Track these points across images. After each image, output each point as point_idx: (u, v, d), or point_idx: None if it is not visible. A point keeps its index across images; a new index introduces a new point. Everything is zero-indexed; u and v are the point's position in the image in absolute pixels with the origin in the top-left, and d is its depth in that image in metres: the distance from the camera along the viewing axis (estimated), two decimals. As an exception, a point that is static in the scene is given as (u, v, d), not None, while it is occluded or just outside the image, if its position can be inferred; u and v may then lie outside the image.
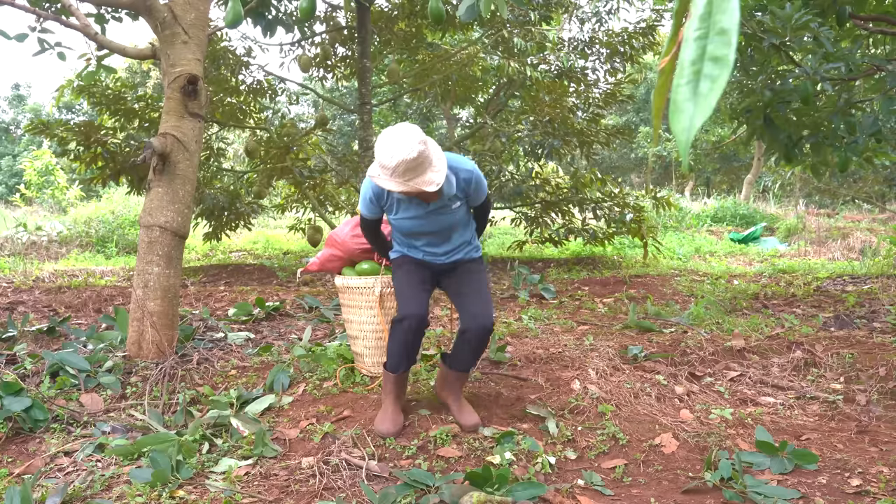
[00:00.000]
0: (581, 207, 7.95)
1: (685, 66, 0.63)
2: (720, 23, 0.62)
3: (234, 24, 3.54)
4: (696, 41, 0.63)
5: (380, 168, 2.46)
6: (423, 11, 8.16)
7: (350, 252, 3.33)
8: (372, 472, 2.40)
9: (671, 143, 21.77)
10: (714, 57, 0.62)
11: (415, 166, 2.40)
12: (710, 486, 2.28)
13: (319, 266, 3.42)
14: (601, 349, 3.68)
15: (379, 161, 2.44)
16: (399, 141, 2.39)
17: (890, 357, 3.36)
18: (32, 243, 10.05)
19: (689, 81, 0.63)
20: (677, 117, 0.62)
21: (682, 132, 0.62)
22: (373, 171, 2.51)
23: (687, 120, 0.62)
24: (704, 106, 0.61)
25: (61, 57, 4.89)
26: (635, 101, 19.39)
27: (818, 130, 4.29)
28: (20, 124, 31.83)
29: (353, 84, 14.78)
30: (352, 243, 3.31)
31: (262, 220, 15.41)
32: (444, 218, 2.72)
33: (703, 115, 0.61)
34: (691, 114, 0.62)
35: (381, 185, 2.47)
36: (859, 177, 13.63)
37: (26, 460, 2.50)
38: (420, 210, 2.69)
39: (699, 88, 0.62)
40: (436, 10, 3.35)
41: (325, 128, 8.28)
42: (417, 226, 2.73)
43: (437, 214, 2.71)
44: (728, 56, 0.61)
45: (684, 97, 0.63)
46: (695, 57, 0.63)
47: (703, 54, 0.62)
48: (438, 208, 2.69)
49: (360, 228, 3.30)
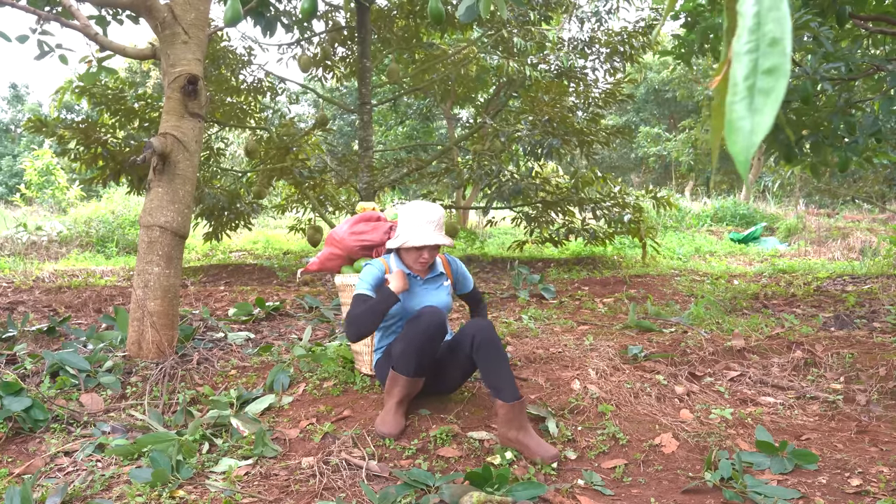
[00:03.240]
0: (581, 207, 7.95)
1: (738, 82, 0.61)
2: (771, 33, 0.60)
3: (233, 22, 3.53)
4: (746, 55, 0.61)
5: (426, 224, 2.80)
6: (422, 11, 8.16)
7: (349, 250, 3.32)
8: (372, 472, 2.40)
9: (671, 142, 21.76)
10: (767, 69, 0.59)
11: (443, 223, 2.88)
12: (710, 486, 2.28)
13: (319, 266, 3.41)
14: (601, 349, 3.69)
15: (423, 218, 2.81)
16: (427, 204, 2.87)
17: (890, 357, 3.36)
18: (32, 243, 10.05)
19: (744, 98, 0.60)
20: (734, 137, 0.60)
21: (740, 152, 0.59)
22: (411, 235, 2.80)
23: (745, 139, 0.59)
24: (761, 122, 0.59)
25: (63, 60, 4.89)
26: (635, 101, 19.39)
27: (818, 130, 4.29)
28: (19, 124, 31.81)
29: (353, 84, 14.79)
30: (350, 241, 3.30)
31: (262, 220, 15.42)
32: (437, 293, 2.93)
33: (762, 132, 0.59)
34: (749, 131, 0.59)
35: (428, 241, 2.77)
36: (859, 177, 13.63)
37: (26, 460, 2.50)
38: (416, 283, 2.91)
39: (754, 104, 0.60)
40: (435, 10, 3.35)
41: (325, 128, 8.28)
42: (416, 300, 2.87)
43: (430, 288, 2.93)
44: (783, 66, 0.59)
45: (740, 115, 0.60)
46: (747, 72, 0.60)
47: (755, 68, 0.60)
48: (431, 279, 2.95)
49: (358, 226, 3.30)
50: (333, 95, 17.28)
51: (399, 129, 14.44)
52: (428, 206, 2.83)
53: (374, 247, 3.31)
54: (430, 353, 2.66)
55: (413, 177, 8.26)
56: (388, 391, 2.74)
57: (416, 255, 2.83)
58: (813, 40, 3.97)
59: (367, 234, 3.28)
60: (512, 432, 2.48)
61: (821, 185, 14.41)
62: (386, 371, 2.84)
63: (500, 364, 2.54)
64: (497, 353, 2.56)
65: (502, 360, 2.55)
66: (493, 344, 2.57)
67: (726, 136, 0.61)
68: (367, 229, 3.30)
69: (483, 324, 2.62)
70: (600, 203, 7.72)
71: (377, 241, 3.28)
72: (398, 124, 14.44)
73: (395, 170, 8.23)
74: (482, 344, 2.56)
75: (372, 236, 3.27)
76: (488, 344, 2.56)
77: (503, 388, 2.51)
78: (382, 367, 2.92)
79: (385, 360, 2.90)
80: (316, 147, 8.39)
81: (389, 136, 14.83)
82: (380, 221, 3.36)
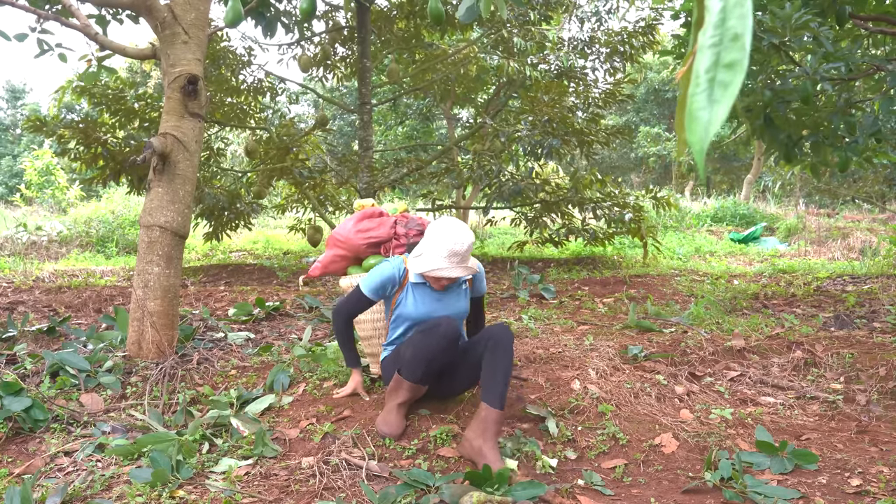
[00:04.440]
0: (581, 207, 7.95)
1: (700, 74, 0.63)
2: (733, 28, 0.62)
3: (234, 23, 3.53)
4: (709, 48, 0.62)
5: (450, 256, 2.60)
6: (422, 11, 8.16)
7: (356, 249, 3.21)
8: (372, 472, 2.40)
9: (671, 142, 21.76)
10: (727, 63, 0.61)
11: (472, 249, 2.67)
12: (710, 486, 2.28)
13: (322, 269, 3.30)
14: (601, 349, 3.68)
15: (449, 249, 2.59)
16: (459, 232, 2.62)
17: (890, 357, 3.36)
18: (32, 243, 10.05)
19: (704, 90, 0.62)
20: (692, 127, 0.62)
21: (697, 142, 0.62)
22: (434, 264, 2.61)
23: (702, 129, 0.61)
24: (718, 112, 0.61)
25: (62, 58, 4.89)
26: (635, 101, 19.39)
27: (818, 130, 4.29)
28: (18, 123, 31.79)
29: (353, 84, 14.79)
30: (357, 239, 3.19)
31: (263, 220, 15.41)
32: (456, 299, 2.83)
33: (718, 123, 0.61)
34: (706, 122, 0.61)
35: (449, 275, 2.60)
36: (859, 177, 13.63)
37: (26, 460, 2.50)
38: (435, 294, 2.80)
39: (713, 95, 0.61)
40: (435, 11, 3.35)
41: (325, 128, 8.28)
42: (433, 310, 2.78)
43: (450, 296, 2.82)
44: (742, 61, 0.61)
45: (699, 106, 0.62)
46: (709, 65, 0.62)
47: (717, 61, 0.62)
48: (450, 288, 2.82)
49: (363, 223, 3.20)
50: (333, 95, 17.28)
51: (399, 129, 14.44)
52: (459, 235, 2.61)
53: (382, 243, 3.22)
54: (439, 363, 2.63)
55: (413, 177, 8.26)
56: (391, 392, 2.72)
57: (436, 280, 2.72)
58: (813, 40, 3.97)
59: (374, 230, 3.19)
60: (478, 441, 2.40)
61: (821, 185, 14.42)
62: (391, 371, 2.79)
63: (504, 370, 2.51)
64: (505, 358, 2.53)
65: (507, 367, 2.52)
66: (507, 350, 2.54)
67: (686, 126, 0.63)
68: (373, 226, 3.21)
69: (505, 330, 2.59)
70: (600, 203, 7.72)
71: (384, 236, 3.19)
72: (398, 124, 14.44)
73: (395, 170, 8.24)
74: (498, 345, 2.54)
75: (379, 232, 3.18)
76: (503, 349, 2.54)
77: (495, 392, 2.47)
78: (389, 367, 2.84)
79: (392, 360, 2.83)
80: (316, 147, 8.39)
81: (389, 136, 14.83)
82: (383, 216, 3.27)
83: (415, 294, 2.77)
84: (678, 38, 5.20)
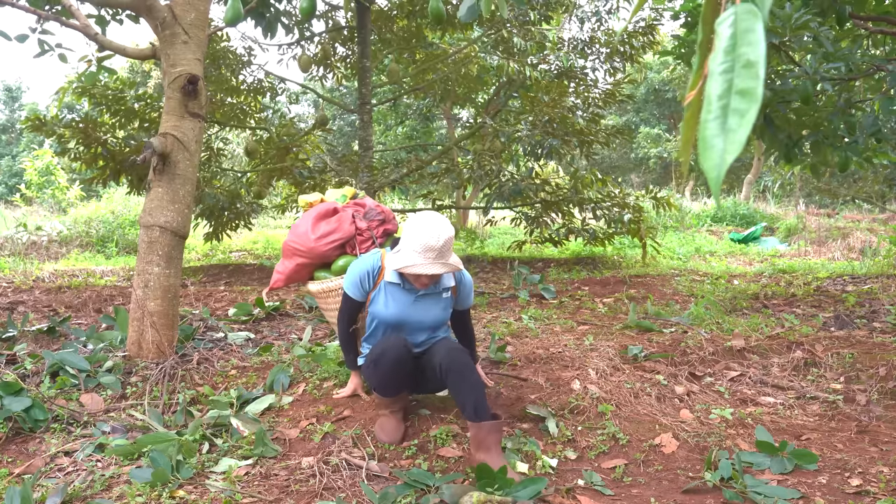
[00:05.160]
0: (581, 207, 7.95)
1: (712, 100, 0.62)
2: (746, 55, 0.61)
3: (233, 22, 3.54)
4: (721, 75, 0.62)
5: (425, 252, 2.47)
6: (423, 11, 8.15)
7: (322, 256, 3.07)
8: (372, 472, 2.40)
9: (671, 143, 21.76)
10: (741, 90, 0.61)
11: (451, 245, 2.51)
12: (710, 486, 2.28)
13: (286, 280, 3.15)
14: (601, 349, 3.68)
15: (423, 244, 2.46)
16: (435, 226, 2.48)
17: (890, 357, 3.36)
18: (32, 243, 10.05)
19: (717, 117, 0.61)
20: (707, 154, 0.61)
21: (712, 169, 0.61)
22: (409, 260, 2.48)
23: (717, 157, 0.61)
24: (734, 141, 0.60)
25: (62, 59, 4.89)
26: (635, 101, 19.39)
27: (818, 130, 4.29)
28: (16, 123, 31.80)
29: (353, 84, 14.79)
30: (320, 246, 3.04)
31: (263, 220, 15.41)
32: (432, 306, 2.70)
33: (735, 152, 0.60)
34: (721, 150, 0.61)
35: (424, 272, 2.47)
36: (859, 177, 13.62)
37: (26, 460, 2.50)
38: (409, 297, 2.67)
39: (728, 124, 0.61)
40: (436, 10, 3.35)
41: (325, 128, 8.28)
42: (404, 315, 2.67)
43: (426, 302, 2.68)
44: (756, 89, 0.60)
45: (713, 133, 0.61)
46: (721, 91, 0.62)
47: (729, 88, 0.61)
48: (429, 295, 2.68)
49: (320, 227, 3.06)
50: (333, 95, 17.27)
51: (399, 129, 14.44)
52: (434, 229, 2.49)
53: (347, 241, 3.09)
54: (401, 377, 2.60)
55: (413, 177, 8.26)
56: (377, 405, 2.75)
57: (414, 277, 2.60)
58: (813, 40, 3.97)
59: (335, 232, 3.06)
60: (480, 454, 2.38)
61: (821, 185, 14.41)
62: (370, 378, 2.72)
63: (466, 389, 2.46)
64: (461, 380, 2.47)
65: (468, 385, 2.46)
66: (458, 372, 2.48)
67: (700, 153, 0.63)
68: (333, 227, 3.08)
69: (449, 352, 2.52)
70: (600, 203, 7.72)
71: (348, 234, 3.07)
72: (398, 124, 14.43)
73: (395, 170, 8.23)
74: (449, 371, 2.49)
75: (340, 234, 3.06)
76: (455, 372, 2.49)
77: (469, 410, 2.44)
78: (367, 374, 2.76)
79: (367, 369, 2.74)
80: (316, 147, 8.39)
81: (389, 136, 14.83)
82: (338, 213, 3.13)
83: (387, 293, 2.69)
84: (678, 39, 5.20)
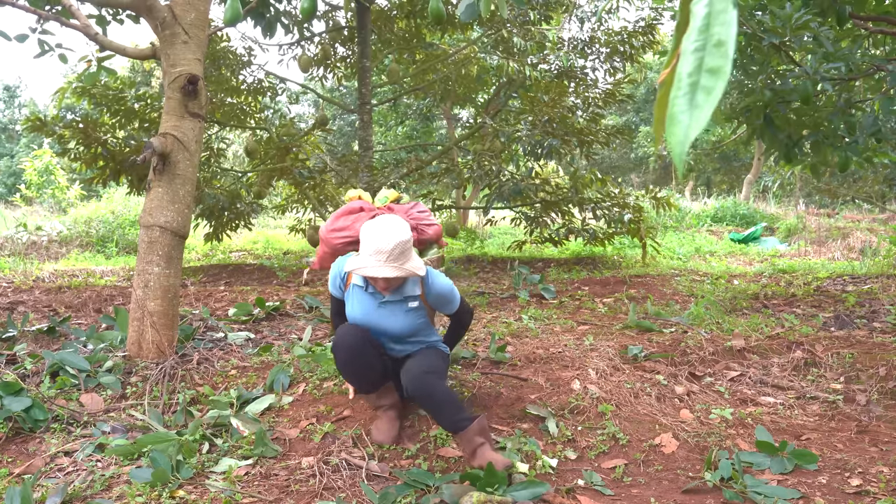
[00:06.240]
0: (581, 207, 7.95)
1: (682, 78, 0.63)
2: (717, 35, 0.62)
3: (232, 21, 3.54)
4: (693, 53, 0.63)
5: (374, 254, 2.43)
6: (422, 11, 8.16)
7: (334, 249, 3.13)
8: (372, 472, 2.40)
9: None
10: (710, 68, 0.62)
11: (408, 248, 2.46)
12: (710, 486, 2.28)
13: (319, 264, 3.27)
14: (601, 349, 3.68)
15: (374, 247, 2.42)
16: (385, 226, 2.46)
17: (890, 357, 3.36)
18: (32, 243, 10.05)
19: (686, 93, 0.63)
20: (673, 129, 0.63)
21: (677, 144, 0.62)
22: (360, 263, 2.46)
23: (682, 132, 0.62)
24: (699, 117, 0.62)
25: (62, 59, 4.89)
26: (635, 101, 19.39)
27: (818, 130, 4.29)
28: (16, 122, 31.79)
29: (353, 84, 14.79)
30: (333, 239, 3.11)
31: (263, 220, 15.42)
32: (396, 315, 2.64)
33: (698, 127, 0.61)
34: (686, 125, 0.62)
35: (373, 274, 2.43)
36: (859, 177, 13.63)
37: (26, 460, 2.50)
38: (373, 302, 2.64)
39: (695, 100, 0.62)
40: (436, 10, 3.35)
41: (325, 128, 8.28)
42: (368, 318, 2.66)
43: (390, 309, 2.64)
44: (724, 67, 0.61)
45: (680, 109, 0.63)
46: (692, 69, 0.63)
47: (700, 66, 0.63)
48: (393, 302, 2.63)
49: (339, 221, 3.12)
50: (333, 95, 17.27)
51: (399, 129, 14.44)
52: (385, 233, 2.45)
53: (357, 241, 3.08)
54: (363, 369, 2.61)
55: (413, 177, 8.27)
56: (368, 402, 2.79)
57: (373, 281, 2.57)
58: (813, 40, 3.97)
59: (347, 229, 3.10)
60: (474, 461, 2.37)
61: (821, 185, 14.42)
62: (340, 371, 2.75)
63: (436, 408, 2.45)
64: (430, 401, 2.46)
65: (438, 405, 2.44)
66: (422, 390, 2.45)
67: (666, 128, 0.64)
68: (348, 224, 3.12)
69: (415, 378, 2.47)
70: (600, 203, 7.72)
71: (357, 235, 3.07)
72: (398, 124, 14.44)
73: (395, 170, 8.24)
74: (416, 392, 2.47)
75: (349, 232, 3.09)
76: (421, 399, 2.48)
77: (447, 424, 2.44)
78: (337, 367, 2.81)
79: None
80: (316, 147, 8.39)
81: (389, 136, 14.83)
82: (362, 212, 3.17)
83: (354, 296, 2.70)
84: (678, 39, 5.19)
